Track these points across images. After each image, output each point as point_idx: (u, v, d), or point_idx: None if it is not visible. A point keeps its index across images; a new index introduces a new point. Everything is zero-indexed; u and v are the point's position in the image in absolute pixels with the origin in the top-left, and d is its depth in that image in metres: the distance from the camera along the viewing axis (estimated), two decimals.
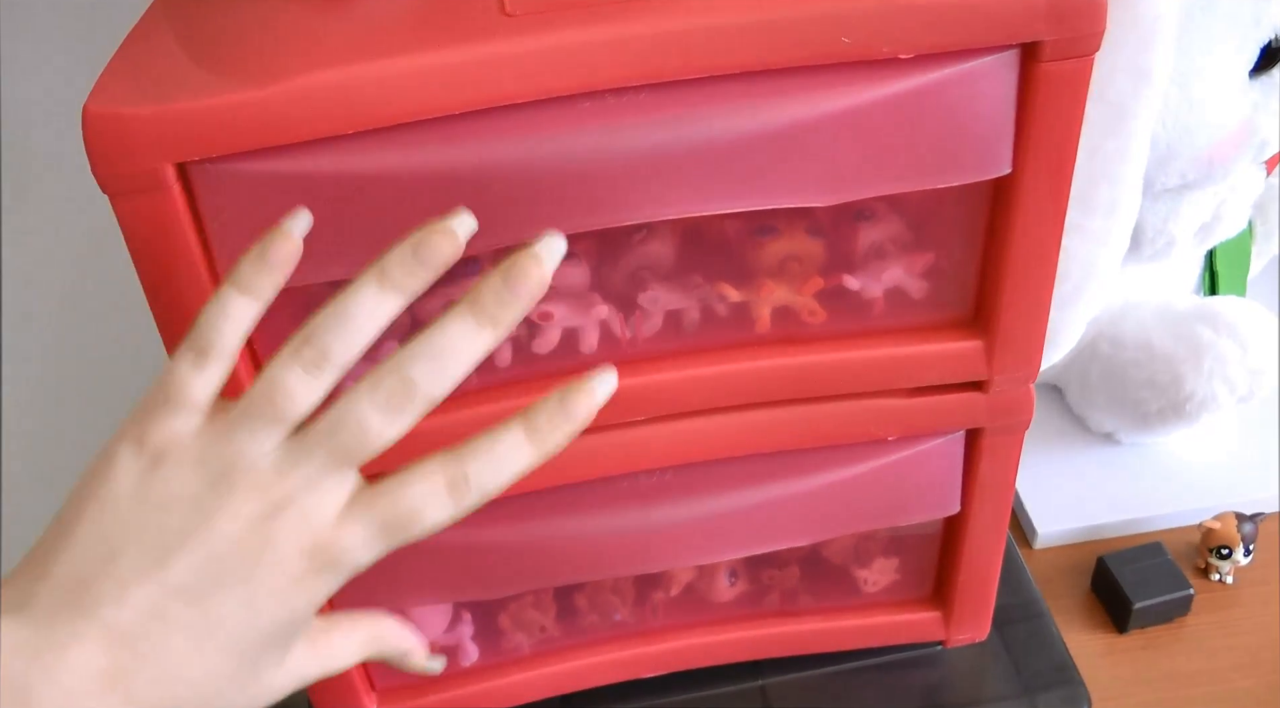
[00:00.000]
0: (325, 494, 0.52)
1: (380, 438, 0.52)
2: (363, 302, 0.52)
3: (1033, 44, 0.58)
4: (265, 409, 0.52)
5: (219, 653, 0.51)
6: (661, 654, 0.83)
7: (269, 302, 0.54)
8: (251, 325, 0.54)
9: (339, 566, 0.52)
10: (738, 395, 0.70)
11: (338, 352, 0.52)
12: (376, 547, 0.53)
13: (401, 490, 0.53)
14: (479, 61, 0.54)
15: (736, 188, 0.60)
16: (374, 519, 0.52)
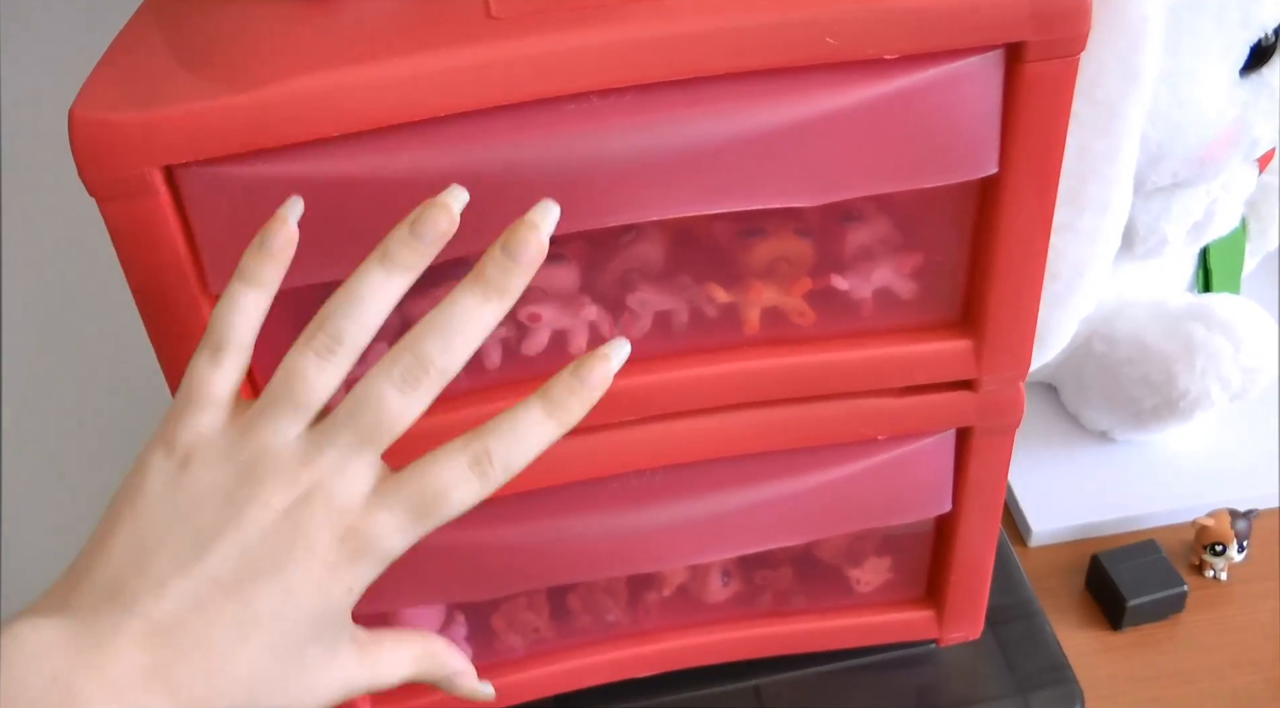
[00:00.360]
0: (351, 479, 0.53)
1: (401, 416, 0.53)
2: (369, 283, 0.53)
3: (1017, 45, 0.58)
4: (285, 399, 0.53)
5: (261, 645, 0.51)
6: (655, 655, 0.83)
7: (274, 290, 0.54)
8: (262, 316, 0.55)
9: (372, 551, 0.53)
10: (727, 396, 0.70)
11: (350, 334, 0.53)
12: (407, 531, 0.53)
13: (427, 472, 0.53)
14: (465, 65, 0.55)
15: (723, 189, 0.60)
16: (402, 502, 0.53)
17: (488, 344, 0.67)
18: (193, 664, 0.50)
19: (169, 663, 0.50)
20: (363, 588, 0.54)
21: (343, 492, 0.52)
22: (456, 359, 0.53)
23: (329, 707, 0.56)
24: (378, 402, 0.52)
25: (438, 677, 0.61)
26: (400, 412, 0.53)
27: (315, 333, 0.53)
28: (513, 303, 0.54)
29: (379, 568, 0.54)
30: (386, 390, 0.52)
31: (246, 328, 0.54)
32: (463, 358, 0.53)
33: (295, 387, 0.53)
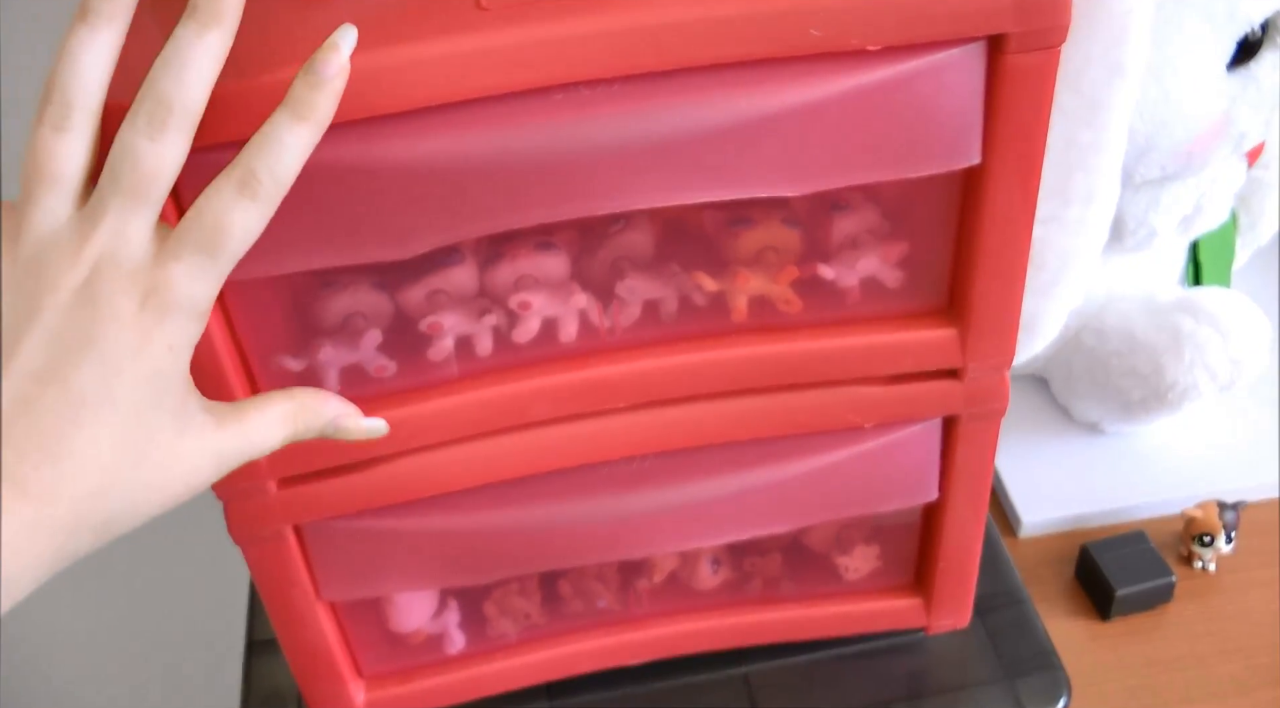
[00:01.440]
0: (133, 240, 0.52)
1: (160, 164, 0.52)
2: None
3: (999, 36, 0.59)
4: (38, 179, 0.52)
5: (96, 425, 0.52)
6: (645, 642, 0.84)
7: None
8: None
9: (176, 304, 0.52)
10: (715, 384, 0.71)
11: (74, 95, 0.52)
12: (204, 273, 0.53)
13: (201, 210, 0.52)
14: (454, 55, 0.55)
15: (709, 178, 0.61)
16: (187, 246, 0.52)
17: (479, 332, 0.68)
18: (34, 458, 0.51)
19: (11, 464, 0.51)
20: (186, 345, 0.54)
21: (127, 255, 0.52)
22: (194, 95, 0.52)
23: (205, 481, 0.57)
24: (133, 156, 0.51)
25: (318, 427, 0.61)
26: (158, 159, 0.52)
27: (44, 107, 0.52)
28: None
29: (195, 321, 0.54)
30: (137, 142, 0.51)
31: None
32: (200, 93, 0.52)
33: (43, 165, 0.52)
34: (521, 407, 0.69)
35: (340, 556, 0.74)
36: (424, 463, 0.70)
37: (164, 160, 0.52)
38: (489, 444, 0.70)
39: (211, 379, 0.63)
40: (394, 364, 0.68)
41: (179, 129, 0.52)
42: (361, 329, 0.67)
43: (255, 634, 0.92)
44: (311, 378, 0.67)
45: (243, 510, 0.70)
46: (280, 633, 0.77)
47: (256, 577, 0.74)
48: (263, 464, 0.68)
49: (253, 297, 0.64)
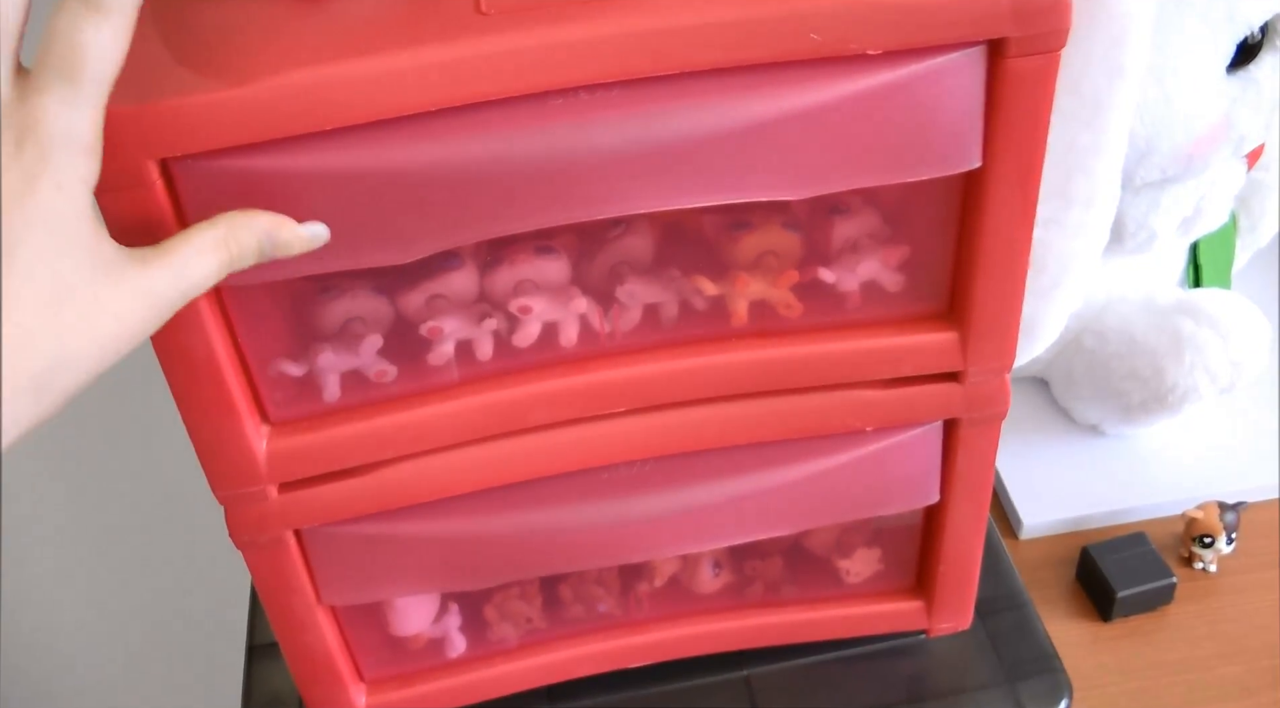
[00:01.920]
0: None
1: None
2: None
3: (999, 40, 0.59)
4: None
5: (10, 278, 0.50)
6: (646, 645, 0.84)
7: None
8: None
9: (51, 136, 0.50)
10: (716, 388, 0.71)
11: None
12: (72, 100, 0.50)
13: (50, 35, 0.50)
14: (455, 60, 0.55)
15: (709, 182, 0.61)
16: (46, 74, 0.50)
17: (479, 336, 0.68)
18: None
19: None
20: (78, 182, 0.51)
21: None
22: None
23: (141, 324, 0.54)
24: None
25: (254, 246, 0.58)
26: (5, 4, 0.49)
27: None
28: None
29: (81, 156, 0.51)
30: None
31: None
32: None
33: None
34: (522, 411, 0.69)
35: (341, 560, 0.74)
36: (424, 467, 0.70)
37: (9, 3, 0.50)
38: (489, 449, 0.70)
39: (211, 384, 0.64)
40: (394, 369, 0.68)
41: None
42: (361, 334, 0.67)
43: (256, 639, 0.92)
44: (311, 383, 0.67)
45: (243, 515, 0.70)
46: (281, 638, 0.77)
47: (257, 581, 0.74)
48: (263, 469, 0.68)
49: (252, 302, 0.64)
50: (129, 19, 0.51)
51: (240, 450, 0.67)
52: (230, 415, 0.65)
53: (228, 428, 0.66)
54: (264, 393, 0.67)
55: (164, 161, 0.56)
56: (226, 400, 0.65)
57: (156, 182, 0.56)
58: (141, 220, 0.57)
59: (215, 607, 1.39)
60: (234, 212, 0.57)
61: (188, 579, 1.48)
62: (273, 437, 0.68)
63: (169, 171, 0.57)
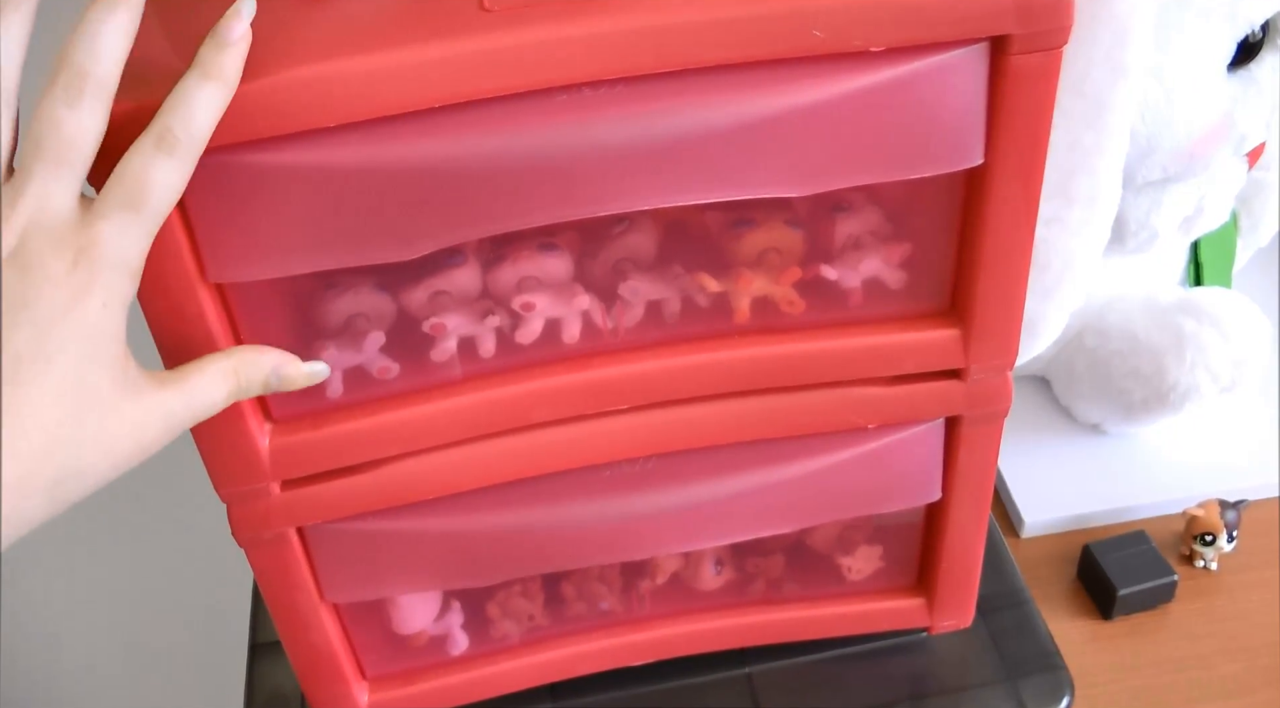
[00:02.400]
0: (58, 203, 0.53)
1: (80, 130, 0.53)
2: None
3: (1002, 38, 0.59)
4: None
5: (32, 383, 0.52)
6: (648, 643, 0.84)
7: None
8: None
9: (105, 260, 0.53)
10: (718, 385, 0.71)
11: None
12: (131, 229, 0.54)
13: (122, 170, 0.54)
14: (458, 56, 0.55)
15: (712, 179, 0.61)
16: (110, 204, 0.53)
17: (482, 333, 0.68)
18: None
19: None
20: (120, 304, 0.54)
21: (53, 217, 0.53)
22: (107, 67, 0.53)
23: (154, 441, 0.57)
24: (53, 124, 0.53)
25: (260, 379, 0.62)
26: (77, 125, 0.53)
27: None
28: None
29: (126, 278, 0.54)
30: (56, 110, 0.53)
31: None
32: (112, 65, 0.53)
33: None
34: (524, 408, 0.69)
35: (344, 557, 0.74)
36: (427, 465, 0.70)
37: (85, 127, 0.53)
38: (492, 446, 0.70)
39: None
40: (397, 366, 0.68)
41: (95, 97, 0.53)
42: (364, 331, 0.67)
43: (258, 637, 0.92)
44: None
45: (246, 513, 0.70)
46: (284, 635, 0.77)
47: (260, 579, 0.74)
48: (266, 466, 0.68)
49: (255, 298, 0.64)
50: (193, 165, 0.54)
51: (243, 448, 0.67)
52: (233, 412, 0.65)
53: (230, 425, 0.66)
54: None
55: None
56: None
57: None
58: None
59: (217, 605, 1.39)
60: (245, 347, 0.63)
61: (189, 578, 1.48)
62: (275, 434, 0.68)
63: None
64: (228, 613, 1.24)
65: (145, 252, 0.55)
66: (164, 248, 0.58)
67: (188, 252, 0.59)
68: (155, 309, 0.61)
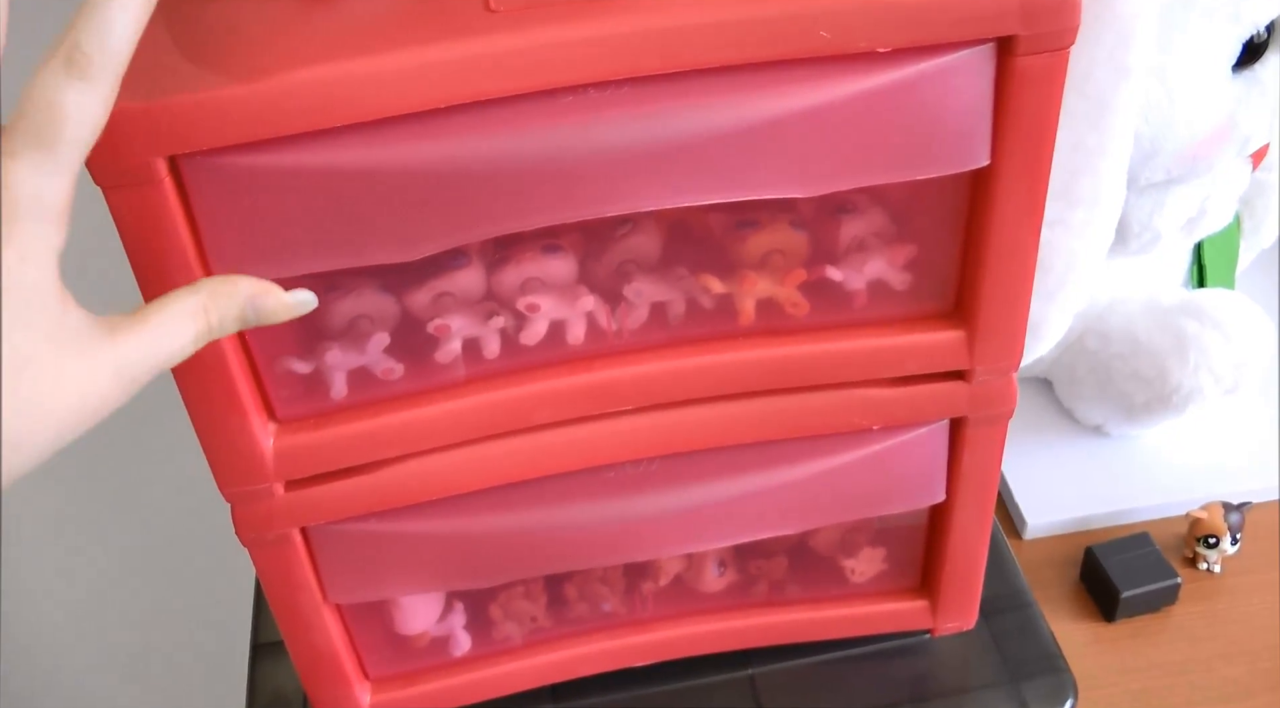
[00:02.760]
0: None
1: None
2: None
3: (1008, 38, 0.59)
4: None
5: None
6: (651, 644, 0.84)
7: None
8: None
9: (17, 205, 0.48)
10: (723, 386, 0.71)
11: None
12: (43, 167, 0.48)
13: (28, 97, 0.48)
14: (464, 58, 0.55)
15: (717, 180, 0.61)
16: (16, 139, 0.48)
17: (486, 335, 0.68)
18: None
19: None
20: (44, 252, 0.49)
21: None
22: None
23: (107, 398, 0.51)
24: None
25: (235, 313, 0.56)
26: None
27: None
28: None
29: (47, 224, 0.49)
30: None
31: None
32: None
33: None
34: (528, 409, 0.69)
35: (347, 558, 0.74)
36: (431, 465, 0.70)
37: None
38: (496, 447, 0.70)
39: (219, 381, 0.64)
40: (401, 367, 0.68)
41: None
42: (368, 332, 0.67)
43: (260, 637, 0.92)
44: (319, 380, 0.67)
45: (250, 513, 0.70)
46: (286, 636, 0.77)
47: (263, 579, 0.74)
48: (270, 467, 0.68)
49: None
50: (113, 86, 0.49)
51: (247, 448, 0.67)
52: (237, 413, 0.65)
53: (235, 425, 0.66)
54: (271, 390, 0.67)
55: (173, 158, 0.56)
56: (234, 398, 0.65)
57: (165, 178, 0.56)
58: (150, 217, 0.57)
59: (219, 605, 1.39)
60: (216, 277, 0.56)
61: (191, 578, 1.48)
62: (280, 434, 0.68)
63: (177, 168, 0.57)
64: (229, 614, 1.24)
65: (66, 193, 0.49)
66: (169, 246, 0.58)
67: (193, 251, 0.59)
68: None
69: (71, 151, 0.48)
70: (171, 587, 1.51)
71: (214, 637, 1.44)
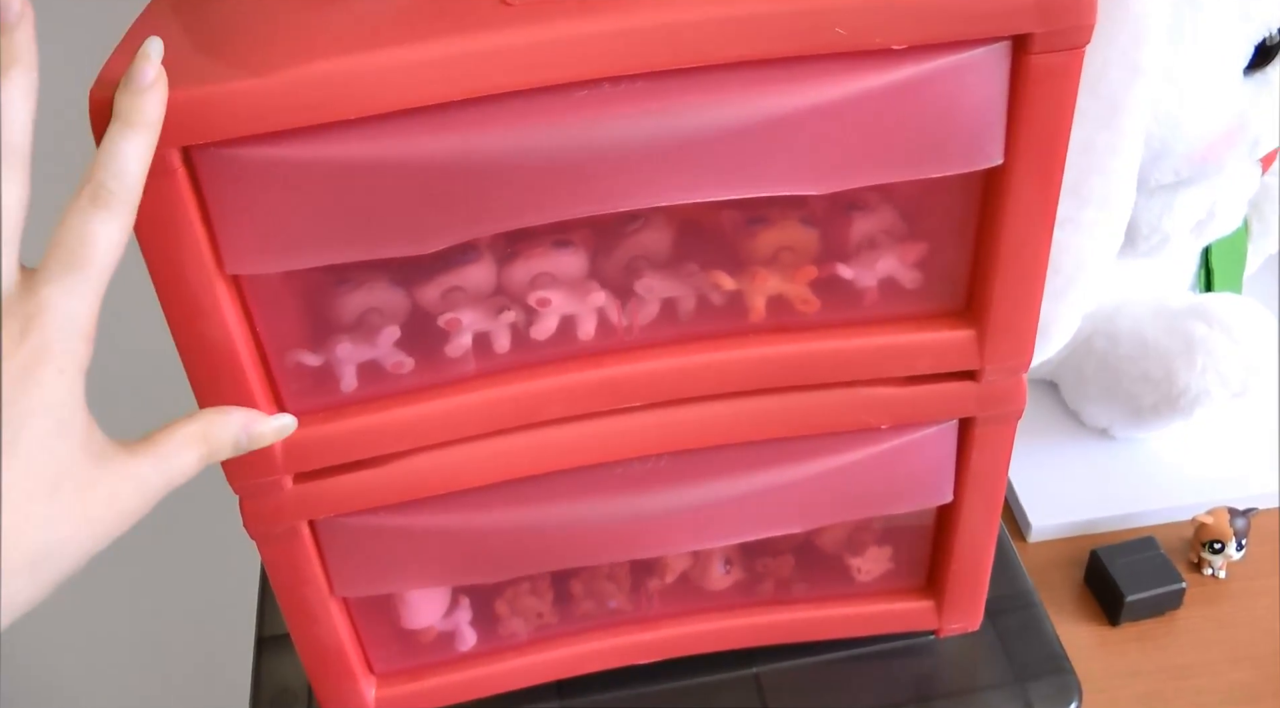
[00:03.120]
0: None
1: (11, 199, 0.52)
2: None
3: (1023, 36, 0.59)
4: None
5: (3, 467, 0.51)
6: (656, 642, 0.84)
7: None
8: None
9: (54, 325, 0.52)
10: (732, 383, 0.71)
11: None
12: (75, 290, 0.53)
13: (60, 230, 0.53)
14: (478, 52, 0.55)
15: (730, 176, 0.61)
16: (52, 266, 0.52)
17: (496, 329, 0.68)
18: None
19: None
20: (75, 368, 0.53)
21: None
22: (17, 135, 0.52)
23: (131, 510, 0.56)
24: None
25: (230, 440, 0.62)
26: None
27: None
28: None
29: (79, 341, 0.53)
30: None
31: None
32: (21, 132, 0.53)
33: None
34: (538, 404, 0.69)
35: (354, 552, 0.74)
36: (440, 460, 0.70)
37: (13, 199, 0.52)
38: (505, 442, 0.70)
39: (229, 373, 0.64)
40: (411, 361, 0.68)
41: (13, 167, 0.52)
42: (379, 325, 0.67)
43: (265, 631, 0.92)
44: (329, 373, 0.67)
45: (258, 506, 0.70)
46: (293, 629, 0.77)
47: (271, 573, 0.74)
48: (278, 459, 0.68)
49: (270, 292, 0.64)
50: (132, 213, 0.54)
51: None
52: (247, 405, 0.65)
53: None
54: (281, 383, 0.67)
55: (186, 150, 0.56)
56: (244, 390, 0.65)
57: (179, 169, 0.57)
58: (164, 208, 0.58)
59: (224, 599, 1.39)
60: (210, 409, 0.62)
61: (196, 571, 1.48)
62: None
63: (191, 160, 0.57)
64: (233, 608, 1.24)
65: (94, 312, 0.54)
66: (182, 237, 0.58)
67: (206, 243, 0.59)
68: (173, 303, 0.61)
69: (101, 276, 0.53)
70: (176, 581, 1.51)
71: (218, 631, 1.44)
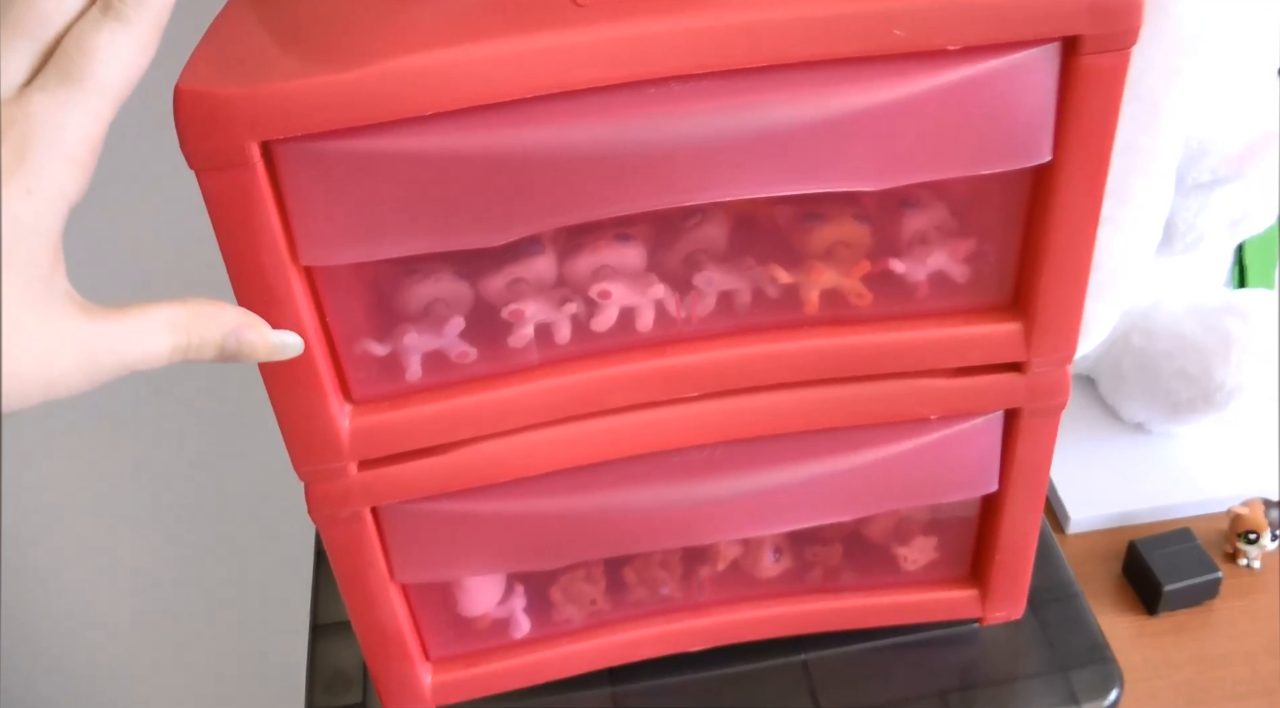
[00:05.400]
0: (4, 71, 0.48)
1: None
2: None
3: (1073, 38, 0.61)
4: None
5: None
6: (706, 629, 0.86)
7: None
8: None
9: (35, 136, 0.47)
10: (787, 374, 0.72)
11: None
12: (67, 103, 0.48)
13: (66, 38, 0.48)
14: (552, 49, 0.57)
15: (793, 172, 0.63)
16: (49, 73, 0.48)
17: (558, 320, 0.69)
18: None
19: None
20: (51, 193, 0.48)
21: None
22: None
23: (65, 378, 0.49)
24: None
25: (216, 339, 0.55)
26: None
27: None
28: None
29: (61, 162, 0.48)
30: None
31: None
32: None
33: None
34: (598, 394, 0.71)
35: (416, 537, 0.75)
36: (502, 448, 0.72)
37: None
38: (565, 430, 0.72)
39: (299, 361, 0.65)
40: (475, 351, 0.69)
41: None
42: (444, 316, 0.68)
43: (319, 618, 0.93)
44: (395, 362, 0.69)
45: (323, 492, 0.72)
46: (353, 614, 0.79)
47: (332, 557, 0.75)
48: (345, 446, 0.69)
49: (341, 282, 0.66)
50: (150, 33, 0.49)
51: (324, 427, 0.69)
52: (316, 393, 0.67)
53: (313, 405, 0.68)
54: (349, 371, 0.69)
55: (266, 143, 0.58)
56: (313, 378, 0.66)
57: (258, 162, 0.58)
58: (241, 200, 0.59)
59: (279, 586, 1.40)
60: (205, 300, 0.55)
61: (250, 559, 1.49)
62: (355, 415, 0.69)
63: (270, 153, 0.59)
64: (289, 594, 1.25)
65: (90, 136, 0.48)
66: (258, 229, 0.60)
67: (281, 235, 0.61)
68: (248, 294, 0.62)
69: (100, 92, 0.48)
70: (231, 568, 1.52)
71: (272, 618, 1.45)
